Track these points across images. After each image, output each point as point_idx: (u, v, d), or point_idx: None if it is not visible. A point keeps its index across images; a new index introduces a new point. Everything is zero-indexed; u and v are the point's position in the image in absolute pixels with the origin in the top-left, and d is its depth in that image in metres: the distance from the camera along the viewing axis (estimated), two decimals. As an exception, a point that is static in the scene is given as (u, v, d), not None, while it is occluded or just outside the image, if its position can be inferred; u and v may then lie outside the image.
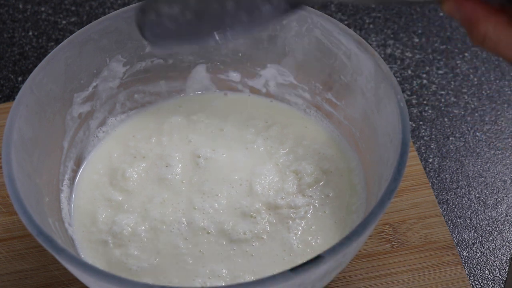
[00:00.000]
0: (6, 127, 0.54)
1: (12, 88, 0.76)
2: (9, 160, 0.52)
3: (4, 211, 0.65)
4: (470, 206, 0.67)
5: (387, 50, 0.78)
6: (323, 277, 0.52)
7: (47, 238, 0.50)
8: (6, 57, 0.79)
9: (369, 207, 0.56)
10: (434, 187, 0.68)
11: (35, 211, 0.52)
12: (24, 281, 0.61)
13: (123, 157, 0.63)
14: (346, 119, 0.63)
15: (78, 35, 0.59)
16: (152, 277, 0.57)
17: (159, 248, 0.58)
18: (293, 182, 0.61)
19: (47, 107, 0.58)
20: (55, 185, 0.60)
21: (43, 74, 0.57)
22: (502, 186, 0.68)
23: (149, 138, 0.64)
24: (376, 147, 0.58)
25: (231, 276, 0.57)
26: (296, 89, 0.65)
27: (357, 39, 0.58)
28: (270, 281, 0.47)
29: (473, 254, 0.64)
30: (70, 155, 0.62)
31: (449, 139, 0.72)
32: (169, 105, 0.66)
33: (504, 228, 0.66)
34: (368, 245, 0.63)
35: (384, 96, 0.56)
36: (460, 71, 0.77)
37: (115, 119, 0.65)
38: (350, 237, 0.49)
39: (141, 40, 0.62)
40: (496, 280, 0.63)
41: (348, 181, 0.61)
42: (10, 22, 0.82)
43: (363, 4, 0.78)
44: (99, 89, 0.63)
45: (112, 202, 0.61)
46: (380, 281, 0.61)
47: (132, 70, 0.64)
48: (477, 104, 0.74)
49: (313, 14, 0.60)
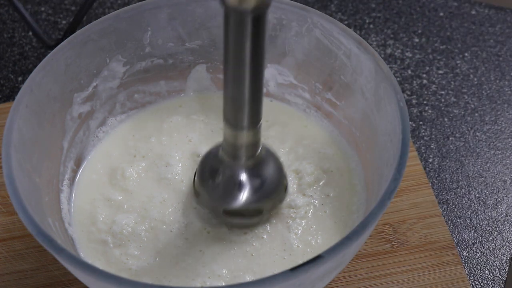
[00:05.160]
0: (6, 127, 0.54)
1: (12, 88, 0.76)
2: (9, 160, 0.52)
3: (4, 211, 0.65)
4: (470, 206, 0.67)
5: (387, 50, 0.78)
6: (323, 277, 0.52)
7: (47, 238, 0.50)
8: (6, 57, 0.79)
9: (369, 207, 0.56)
10: (434, 187, 0.68)
11: (34, 211, 0.52)
12: (24, 281, 0.61)
13: (122, 157, 0.63)
14: (346, 119, 0.63)
15: (78, 35, 0.59)
16: (151, 277, 0.57)
17: (159, 247, 0.58)
18: (293, 181, 0.61)
19: (47, 107, 0.58)
20: (55, 185, 0.60)
21: (43, 74, 0.57)
22: (502, 186, 0.68)
23: (148, 137, 0.64)
24: (376, 147, 0.58)
25: (231, 276, 0.57)
26: (296, 89, 0.65)
27: (357, 39, 0.58)
28: (270, 281, 0.47)
29: (473, 254, 0.64)
30: (70, 155, 0.62)
31: (449, 139, 0.72)
32: (169, 105, 0.66)
33: (504, 228, 0.66)
34: (368, 245, 0.63)
35: (384, 96, 0.56)
36: (460, 71, 0.77)
37: (115, 119, 0.65)
38: (350, 237, 0.49)
39: (141, 40, 0.62)
40: (496, 280, 0.63)
41: (348, 181, 0.61)
42: (10, 22, 0.82)
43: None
44: (99, 89, 0.63)
45: (111, 202, 0.61)
46: (380, 281, 0.61)
47: (132, 70, 0.64)
48: (477, 104, 0.74)
49: (313, 14, 0.60)
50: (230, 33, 0.47)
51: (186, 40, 0.64)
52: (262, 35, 0.48)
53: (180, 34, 0.63)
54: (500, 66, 0.77)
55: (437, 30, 0.80)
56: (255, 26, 0.47)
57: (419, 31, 0.80)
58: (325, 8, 0.82)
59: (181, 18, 0.62)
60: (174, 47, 0.64)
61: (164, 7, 0.61)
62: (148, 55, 0.64)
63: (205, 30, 0.63)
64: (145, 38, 0.62)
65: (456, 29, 0.80)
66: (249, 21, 0.46)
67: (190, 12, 0.62)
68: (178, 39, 0.63)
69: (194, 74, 0.66)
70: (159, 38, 0.63)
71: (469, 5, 0.82)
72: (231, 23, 0.47)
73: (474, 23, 0.81)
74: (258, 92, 0.51)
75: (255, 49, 0.48)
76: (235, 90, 0.51)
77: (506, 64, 0.77)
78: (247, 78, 0.49)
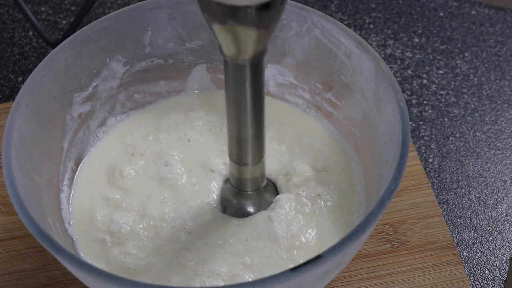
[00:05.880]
0: (6, 127, 0.54)
1: (12, 88, 0.76)
2: (9, 160, 0.52)
3: (4, 211, 0.65)
4: (470, 206, 0.67)
5: (387, 50, 0.78)
6: (323, 277, 0.52)
7: (47, 238, 0.50)
8: (6, 57, 0.79)
9: (369, 207, 0.56)
10: (434, 187, 0.68)
11: (35, 211, 0.52)
12: (24, 281, 0.61)
13: (120, 156, 0.63)
14: (346, 119, 0.63)
15: (78, 35, 0.59)
16: (151, 276, 0.57)
17: (157, 246, 0.58)
18: (293, 181, 0.61)
19: (47, 107, 0.58)
20: (55, 185, 0.60)
21: (43, 74, 0.57)
22: (502, 186, 0.68)
23: (146, 136, 0.64)
24: (376, 147, 0.58)
25: (229, 274, 0.57)
26: (296, 89, 0.65)
27: (357, 39, 0.58)
28: (270, 281, 0.47)
29: (473, 254, 0.64)
30: (70, 155, 0.62)
31: (449, 139, 0.72)
32: (168, 104, 0.66)
33: (504, 228, 0.66)
34: (368, 245, 0.63)
35: (384, 96, 0.56)
36: (460, 71, 0.77)
37: (115, 119, 0.65)
38: (350, 237, 0.49)
39: (141, 40, 0.62)
40: (496, 280, 0.63)
41: (348, 181, 0.61)
42: (10, 22, 0.82)
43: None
44: (99, 89, 0.63)
45: (110, 201, 0.61)
46: (380, 281, 0.61)
47: (132, 70, 0.64)
48: (477, 104, 0.74)
49: (313, 14, 0.60)
50: (230, 78, 0.50)
51: (186, 40, 0.64)
52: (260, 78, 0.50)
53: (180, 34, 0.63)
54: (500, 66, 0.77)
55: (437, 30, 0.80)
56: (253, 71, 0.49)
57: (419, 31, 0.80)
58: (325, 8, 0.82)
59: (181, 18, 0.62)
60: (174, 47, 0.64)
61: (164, 7, 0.61)
62: (148, 55, 0.64)
63: (205, 30, 0.63)
64: (145, 38, 0.62)
65: (456, 29, 0.80)
66: (247, 68, 0.49)
67: (190, 12, 0.62)
68: (178, 39, 0.63)
69: (194, 74, 0.66)
70: (159, 38, 0.63)
71: (469, 5, 0.82)
72: (230, 70, 0.50)
73: (474, 23, 0.81)
74: (259, 131, 0.54)
75: (254, 91, 0.51)
76: (238, 130, 0.53)
77: (506, 64, 0.77)
78: (248, 118, 0.52)
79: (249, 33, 0.46)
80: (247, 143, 0.54)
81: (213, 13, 0.46)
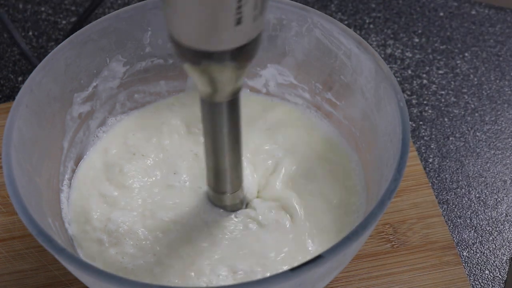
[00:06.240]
0: (6, 127, 0.54)
1: (12, 88, 0.76)
2: (9, 160, 0.52)
3: (4, 211, 0.65)
4: (470, 206, 0.67)
5: (387, 50, 0.78)
6: (323, 277, 0.52)
7: (47, 238, 0.50)
8: (6, 57, 0.79)
9: (369, 207, 0.56)
10: (434, 187, 0.68)
11: (35, 211, 0.52)
12: (24, 281, 0.61)
13: (121, 154, 0.63)
14: (346, 119, 0.63)
15: (78, 35, 0.59)
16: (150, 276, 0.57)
17: (157, 246, 0.58)
18: (292, 181, 0.61)
19: (47, 107, 0.58)
20: (55, 185, 0.60)
21: (43, 74, 0.57)
22: (502, 186, 0.68)
23: (147, 135, 0.64)
24: (376, 147, 0.58)
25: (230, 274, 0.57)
26: (296, 89, 0.65)
27: (357, 39, 0.58)
28: (270, 281, 0.47)
29: (473, 254, 0.64)
30: (70, 155, 0.62)
31: (449, 139, 0.72)
32: (168, 104, 0.66)
33: (504, 228, 0.66)
34: (368, 245, 0.63)
35: (384, 96, 0.56)
36: (460, 71, 0.77)
37: (115, 119, 0.65)
38: (350, 237, 0.49)
39: (141, 40, 0.62)
40: (496, 280, 0.63)
41: (348, 181, 0.61)
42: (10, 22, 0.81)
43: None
44: (99, 89, 0.63)
45: (107, 198, 0.60)
46: (380, 281, 0.61)
47: (132, 70, 0.64)
48: (477, 104, 0.74)
49: (313, 14, 0.60)
50: (206, 114, 0.51)
51: (186, 40, 0.64)
52: (236, 113, 0.51)
53: (180, 34, 0.63)
54: (500, 66, 0.77)
55: (437, 30, 0.80)
56: (229, 108, 0.50)
57: (419, 31, 0.80)
58: (325, 8, 0.82)
59: (181, 18, 0.62)
60: (174, 47, 0.64)
61: (164, 7, 0.61)
62: (148, 55, 0.64)
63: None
64: (145, 38, 0.62)
65: (456, 29, 0.80)
66: (223, 105, 0.49)
67: (190, 12, 0.62)
68: (178, 39, 0.63)
69: (194, 74, 0.66)
70: (159, 38, 0.63)
71: (469, 5, 0.82)
72: (206, 107, 0.50)
73: (474, 23, 0.81)
74: (237, 162, 0.54)
75: (231, 125, 0.51)
76: (215, 162, 0.54)
77: (506, 64, 0.77)
78: (225, 150, 0.53)
79: (225, 74, 0.46)
80: (225, 174, 0.55)
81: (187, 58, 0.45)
